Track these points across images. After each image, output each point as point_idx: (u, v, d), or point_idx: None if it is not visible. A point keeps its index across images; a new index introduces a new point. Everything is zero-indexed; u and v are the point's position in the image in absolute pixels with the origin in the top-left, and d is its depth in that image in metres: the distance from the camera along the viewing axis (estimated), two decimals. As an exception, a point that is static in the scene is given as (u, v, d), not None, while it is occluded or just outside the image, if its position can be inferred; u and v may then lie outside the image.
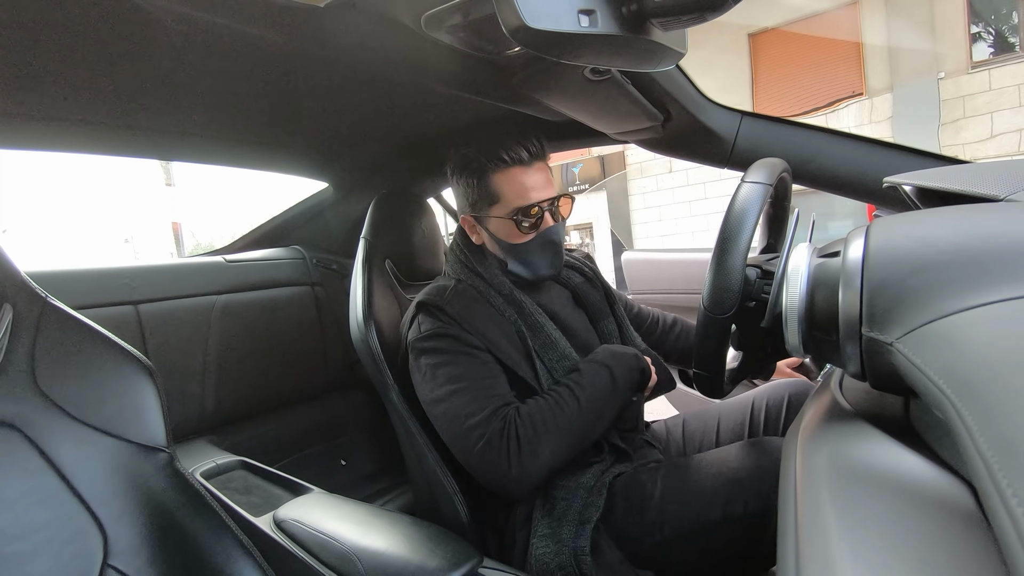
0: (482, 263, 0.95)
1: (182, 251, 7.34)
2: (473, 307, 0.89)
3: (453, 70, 0.72)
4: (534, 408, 0.80)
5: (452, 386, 0.82)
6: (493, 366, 0.85)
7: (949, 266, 0.34)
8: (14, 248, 0.95)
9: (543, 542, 0.77)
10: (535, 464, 0.77)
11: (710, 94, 0.94)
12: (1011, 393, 0.24)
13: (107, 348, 0.62)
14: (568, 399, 0.82)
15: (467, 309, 0.88)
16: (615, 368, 0.86)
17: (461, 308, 0.87)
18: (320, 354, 1.55)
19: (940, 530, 0.28)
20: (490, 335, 0.86)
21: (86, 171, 33.75)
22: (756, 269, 0.70)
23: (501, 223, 0.91)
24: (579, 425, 0.81)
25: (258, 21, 0.56)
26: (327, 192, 1.56)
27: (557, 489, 0.82)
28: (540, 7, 0.40)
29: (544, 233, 0.91)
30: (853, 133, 0.93)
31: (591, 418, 0.82)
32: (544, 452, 0.78)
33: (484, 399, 0.80)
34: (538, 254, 0.92)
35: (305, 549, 0.74)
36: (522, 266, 0.93)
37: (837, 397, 0.48)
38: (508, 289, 0.92)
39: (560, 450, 0.79)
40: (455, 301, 0.88)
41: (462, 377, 0.82)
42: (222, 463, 1.06)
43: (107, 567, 0.56)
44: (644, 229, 8.15)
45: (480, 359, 0.84)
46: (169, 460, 0.63)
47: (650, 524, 0.79)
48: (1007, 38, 5.91)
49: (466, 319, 0.86)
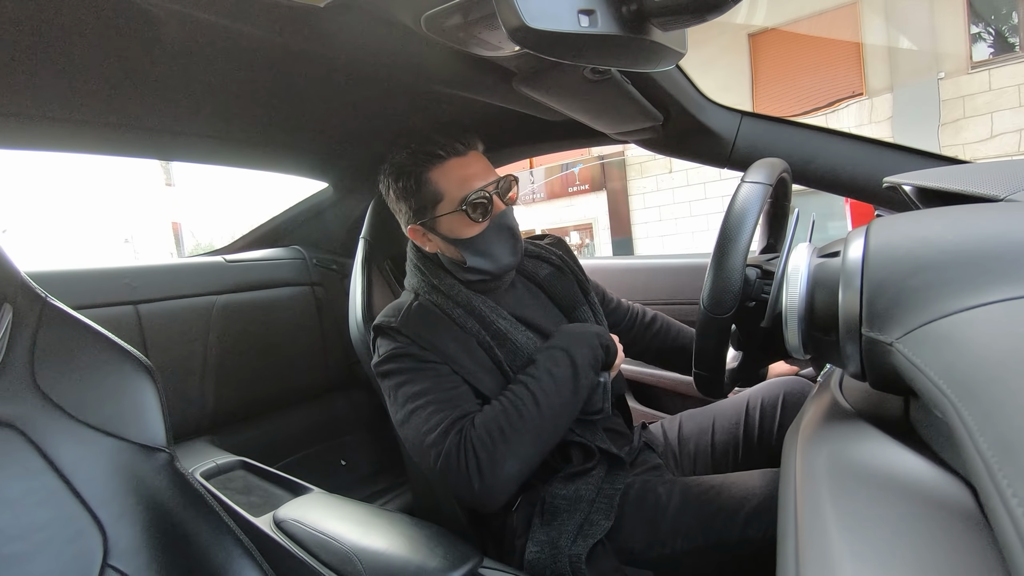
0: (437, 275, 0.91)
1: (182, 251, 7.35)
2: (430, 323, 0.86)
3: (453, 70, 0.72)
4: (489, 415, 0.77)
5: (411, 405, 0.80)
6: (454, 379, 0.82)
7: (949, 266, 0.34)
8: (14, 248, 0.95)
9: (539, 547, 0.77)
10: (498, 475, 0.73)
11: (710, 94, 0.94)
12: (1011, 393, 0.24)
13: (107, 348, 0.62)
14: (524, 398, 0.77)
15: (424, 326, 0.85)
16: (574, 350, 0.82)
17: (417, 326, 0.84)
18: (320, 354, 1.55)
19: (940, 530, 0.28)
20: (448, 351, 0.83)
21: (86, 171, 33.77)
22: (756, 269, 0.70)
23: (450, 219, 0.87)
24: (541, 424, 0.77)
25: (258, 21, 0.56)
26: (327, 192, 1.56)
27: (556, 499, 0.81)
28: (540, 7, 0.40)
29: (497, 218, 0.88)
30: (853, 133, 0.93)
31: (553, 413, 0.78)
32: (506, 461, 0.74)
33: (441, 413, 0.77)
34: (495, 242, 0.88)
35: (305, 549, 0.74)
36: (482, 258, 0.89)
37: (837, 397, 0.48)
38: (466, 299, 0.89)
39: (525, 454, 0.75)
40: (411, 319, 0.85)
41: (420, 394, 0.80)
42: (222, 463, 1.06)
43: (107, 567, 0.56)
44: (644, 229, 8.15)
45: (440, 372, 0.82)
46: (169, 460, 0.63)
47: (661, 535, 0.77)
48: (1007, 38, 5.91)
49: (422, 336, 0.83)
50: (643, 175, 8.02)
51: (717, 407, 1.03)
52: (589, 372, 0.83)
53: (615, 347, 0.88)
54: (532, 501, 0.83)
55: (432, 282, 0.91)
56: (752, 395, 0.99)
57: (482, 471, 0.73)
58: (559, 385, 0.79)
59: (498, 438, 0.74)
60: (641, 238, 8.20)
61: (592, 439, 0.86)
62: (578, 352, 0.82)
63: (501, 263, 0.90)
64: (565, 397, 0.79)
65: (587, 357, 0.83)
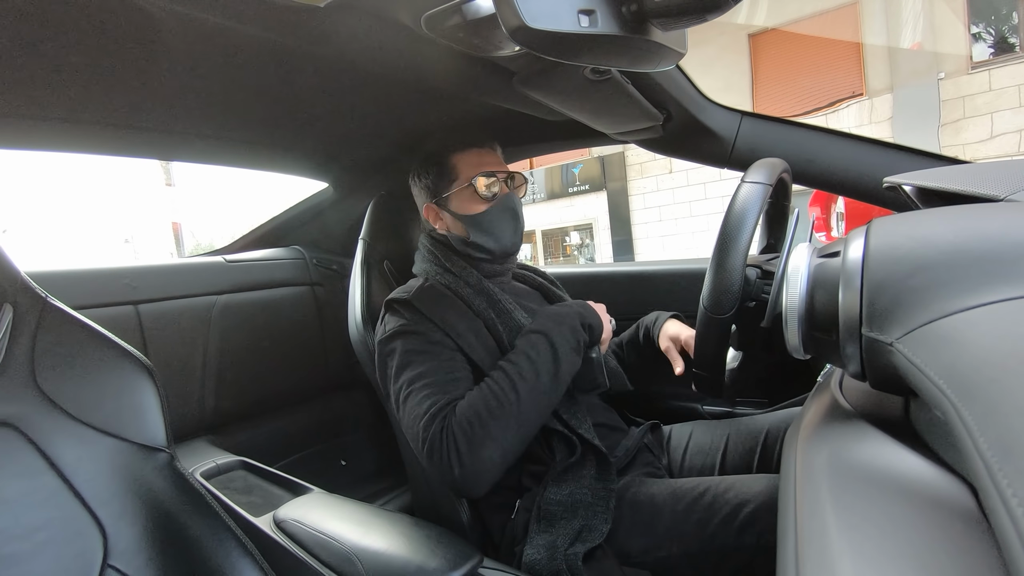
0: (449, 258, 0.96)
1: (182, 251, 7.35)
2: (442, 301, 0.89)
3: (453, 70, 0.72)
4: (469, 403, 0.77)
5: (408, 388, 0.81)
6: (455, 363, 0.83)
7: (949, 266, 0.34)
8: (14, 248, 0.95)
9: (535, 550, 0.77)
10: (479, 462, 0.74)
11: (710, 94, 0.94)
12: (1011, 393, 0.24)
13: (107, 348, 0.62)
14: (503, 384, 0.78)
15: (435, 303, 0.88)
16: (553, 333, 0.82)
17: (429, 302, 0.87)
18: (320, 354, 1.55)
19: (940, 530, 0.28)
20: (459, 328, 0.86)
21: (86, 171, 33.78)
22: (756, 269, 0.71)
23: (461, 195, 0.95)
24: (519, 409, 0.76)
25: (258, 21, 0.56)
26: (327, 192, 1.56)
27: (551, 505, 0.81)
28: (540, 7, 0.40)
29: (503, 199, 0.95)
30: (853, 133, 0.93)
31: (533, 398, 0.78)
32: (487, 448, 0.74)
33: (432, 399, 0.79)
34: (498, 222, 0.95)
35: (305, 549, 0.74)
36: (485, 235, 0.95)
37: (837, 397, 0.48)
38: (476, 279, 0.93)
39: (504, 440, 0.76)
40: (423, 296, 0.88)
41: (417, 378, 0.81)
42: (222, 463, 1.06)
43: (107, 567, 0.56)
44: (644, 229, 8.15)
45: (442, 356, 0.83)
46: (169, 460, 0.63)
47: (658, 538, 0.77)
48: (1007, 38, 5.91)
49: (434, 312, 0.86)
50: (643, 175, 8.03)
51: (732, 426, 0.99)
52: (571, 355, 0.82)
53: (600, 321, 0.88)
54: (528, 507, 0.83)
55: (444, 264, 0.95)
56: (772, 425, 0.95)
57: (462, 458, 0.74)
58: (538, 370, 0.79)
59: (477, 425, 0.75)
60: (641, 238, 8.21)
61: (577, 426, 0.84)
62: (557, 335, 0.82)
63: (502, 242, 0.95)
64: (544, 382, 0.79)
65: (568, 340, 0.82)
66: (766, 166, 0.68)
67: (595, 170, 8.34)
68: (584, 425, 0.86)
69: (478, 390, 0.79)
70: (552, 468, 0.84)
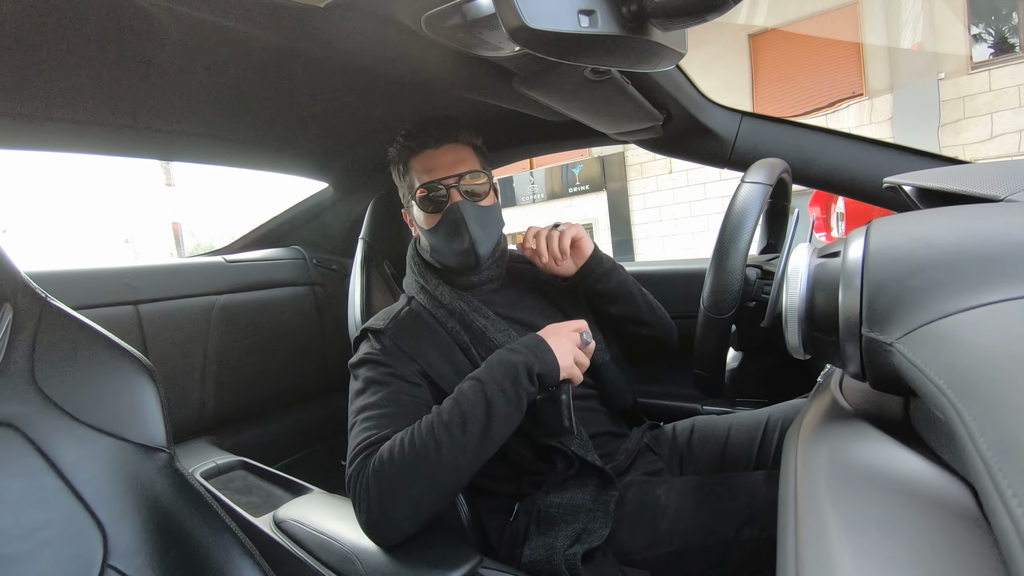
0: (424, 274, 0.92)
1: (182, 251, 7.35)
2: (416, 330, 0.85)
3: (453, 70, 0.72)
4: (388, 446, 0.70)
5: (355, 417, 0.78)
6: (412, 401, 0.78)
7: (949, 266, 0.34)
8: (14, 248, 0.95)
9: (533, 551, 0.76)
10: (384, 517, 0.68)
11: (710, 94, 0.94)
12: (1011, 393, 0.24)
13: (107, 348, 0.62)
14: (424, 430, 0.69)
15: (410, 332, 0.85)
16: (489, 385, 0.72)
17: (403, 330, 0.84)
18: (320, 354, 1.55)
19: (940, 530, 0.28)
20: (431, 358, 0.83)
21: (86, 171, 33.78)
22: (756, 269, 0.71)
23: (415, 208, 0.89)
24: (441, 462, 0.67)
25: (258, 21, 0.56)
26: (327, 192, 1.56)
27: (551, 508, 0.80)
28: (540, 7, 0.40)
29: (447, 211, 0.85)
30: (853, 133, 0.93)
31: (455, 452, 0.68)
32: (396, 502, 0.67)
33: (369, 431, 0.73)
34: (443, 235, 0.87)
35: (305, 549, 0.74)
36: (435, 254, 0.90)
37: (837, 397, 0.48)
38: (450, 298, 0.88)
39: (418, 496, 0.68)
40: (400, 326, 0.85)
41: (367, 407, 0.77)
42: (222, 463, 1.06)
43: (107, 567, 0.56)
44: (644, 229, 8.15)
45: (399, 388, 0.79)
46: (169, 460, 0.63)
47: (660, 535, 0.77)
48: (1007, 39, 5.91)
49: (407, 343, 0.83)
50: (643, 175, 8.02)
51: (734, 420, 0.98)
52: (507, 408, 0.71)
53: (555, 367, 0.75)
54: (528, 511, 0.82)
55: (420, 281, 0.92)
56: (773, 414, 0.94)
57: (370, 506, 0.68)
58: (466, 422, 0.69)
59: (391, 472, 0.68)
60: (641, 238, 8.21)
61: (569, 444, 0.82)
62: (493, 389, 0.72)
63: (453, 258, 0.89)
64: (472, 435, 0.69)
65: (506, 394, 0.71)
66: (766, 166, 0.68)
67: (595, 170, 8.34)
68: (578, 441, 0.83)
69: (404, 432, 0.71)
70: (552, 476, 0.84)
